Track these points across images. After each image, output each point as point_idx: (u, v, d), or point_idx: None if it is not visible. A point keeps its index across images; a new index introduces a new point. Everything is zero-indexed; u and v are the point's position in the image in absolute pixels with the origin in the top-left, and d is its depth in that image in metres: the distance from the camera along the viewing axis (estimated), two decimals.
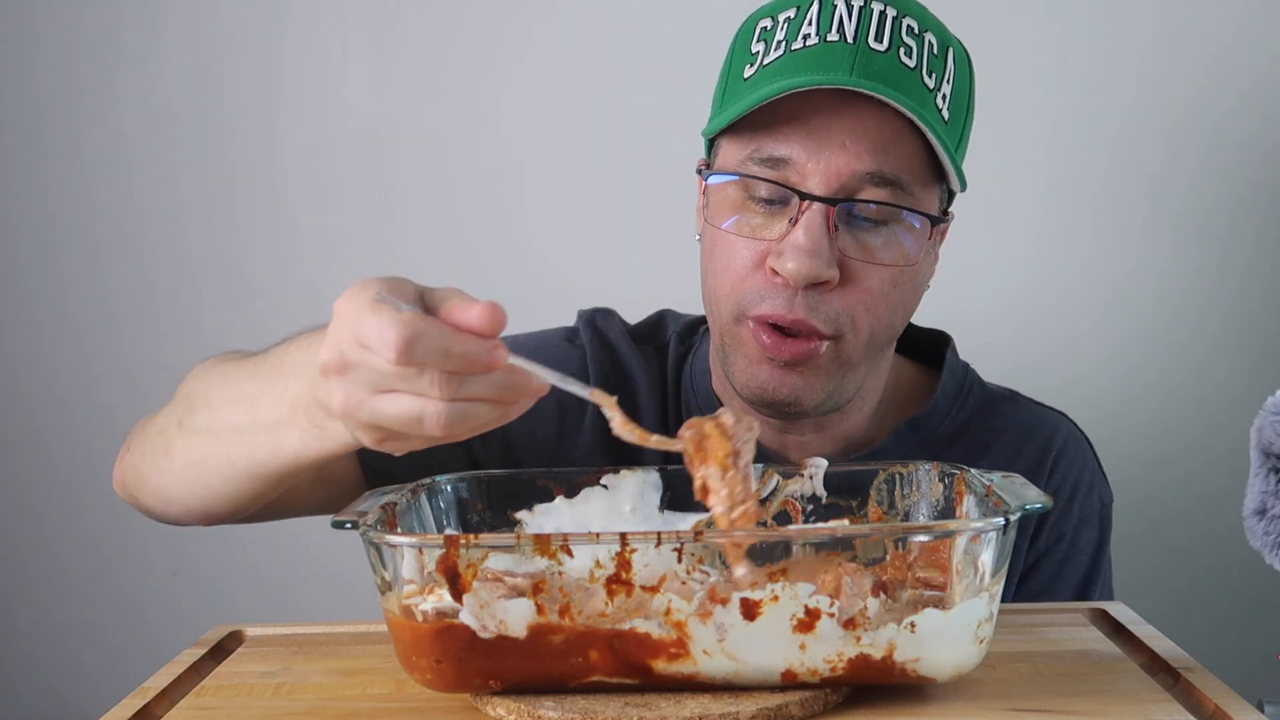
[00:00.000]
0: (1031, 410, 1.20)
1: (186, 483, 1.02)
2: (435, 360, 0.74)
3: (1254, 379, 1.58)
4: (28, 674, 1.70)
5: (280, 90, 1.64)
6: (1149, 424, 1.62)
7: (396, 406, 0.76)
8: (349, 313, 0.77)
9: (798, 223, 1.01)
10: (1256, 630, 1.58)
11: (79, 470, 1.67)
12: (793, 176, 1.02)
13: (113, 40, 1.64)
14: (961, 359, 1.21)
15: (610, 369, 1.17)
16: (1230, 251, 1.60)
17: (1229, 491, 0.96)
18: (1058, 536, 1.14)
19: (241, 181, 1.65)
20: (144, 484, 1.07)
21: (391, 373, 0.75)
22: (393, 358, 0.73)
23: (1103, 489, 1.18)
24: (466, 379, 0.76)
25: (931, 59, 1.03)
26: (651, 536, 0.76)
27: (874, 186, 1.01)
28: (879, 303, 1.04)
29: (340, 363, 0.77)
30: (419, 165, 1.64)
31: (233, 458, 0.96)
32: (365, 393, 0.77)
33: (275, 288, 1.65)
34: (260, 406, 0.93)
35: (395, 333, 0.73)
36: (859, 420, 1.14)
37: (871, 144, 1.01)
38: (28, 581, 1.69)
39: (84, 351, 1.67)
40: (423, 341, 0.74)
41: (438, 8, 1.62)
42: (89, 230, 1.66)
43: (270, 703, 0.83)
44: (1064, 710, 0.77)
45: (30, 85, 1.64)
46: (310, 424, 0.87)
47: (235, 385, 0.97)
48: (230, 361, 1.03)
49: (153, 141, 1.65)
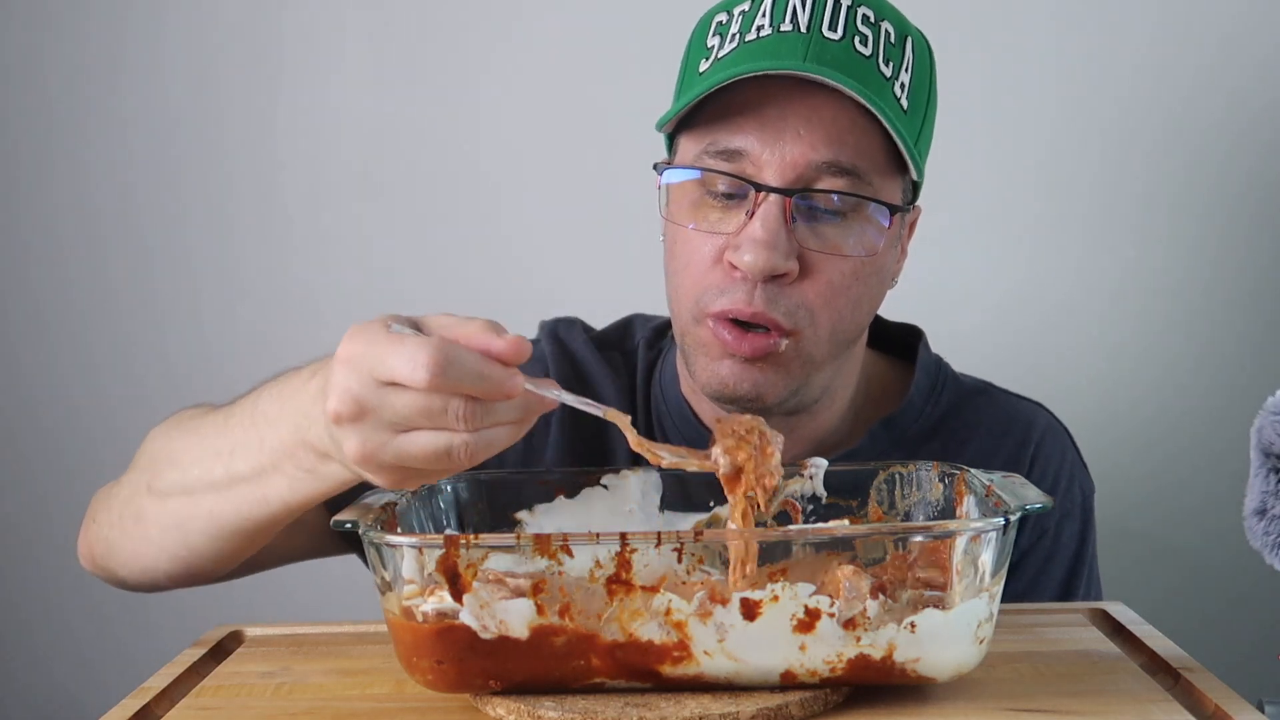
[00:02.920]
0: (1007, 402, 1.18)
1: (166, 547, 0.99)
2: (468, 382, 0.74)
3: (1254, 379, 1.58)
4: (28, 674, 1.70)
5: (278, 91, 1.64)
6: (1149, 424, 1.62)
7: (421, 444, 0.76)
8: (360, 354, 0.76)
9: (754, 215, 0.99)
10: (1256, 630, 1.58)
11: (79, 470, 1.67)
12: (748, 168, 1.00)
13: (110, 41, 1.64)
14: (934, 353, 1.19)
15: (572, 380, 1.15)
16: (1230, 251, 1.60)
17: (1229, 491, 0.96)
18: (1040, 534, 1.13)
19: (239, 182, 1.65)
20: (116, 554, 1.04)
21: (416, 408, 0.74)
22: (426, 379, 0.73)
23: (1083, 479, 1.17)
24: (489, 409, 0.76)
25: (889, 48, 1.01)
26: (651, 536, 0.76)
27: (831, 176, 0.99)
28: (839, 297, 1.02)
29: (356, 408, 0.76)
30: (416, 166, 1.64)
31: (215, 514, 0.94)
32: (386, 435, 0.76)
33: (272, 287, 1.65)
34: (236, 460, 0.91)
35: (428, 355, 0.73)
36: (829, 420, 1.11)
37: (827, 133, 0.99)
38: (28, 582, 1.69)
39: (83, 350, 1.67)
40: (455, 364, 0.73)
41: (435, 10, 1.63)
42: (88, 229, 1.66)
43: (270, 703, 0.83)
44: (1064, 710, 0.77)
45: (29, 84, 1.64)
46: (298, 469, 0.87)
47: (203, 442, 0.96)
48: (191, 420, 1.01)
49: (150, 141, 1.64)
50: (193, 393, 1.65)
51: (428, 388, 0.73)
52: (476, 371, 0.74)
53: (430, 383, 0.73)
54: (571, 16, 1.62)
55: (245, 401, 0.94)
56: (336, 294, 1.63)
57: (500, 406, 0.77)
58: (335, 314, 1.56)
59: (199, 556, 0.98)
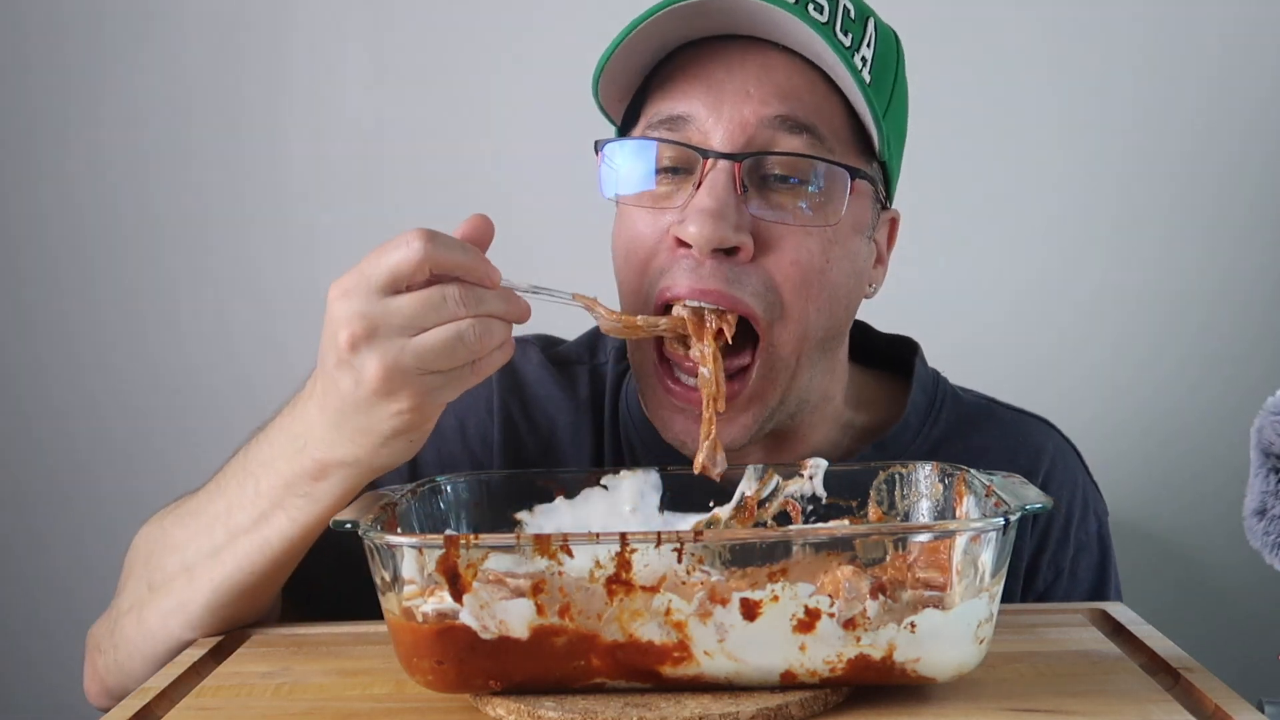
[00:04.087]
0: (1013, 422, 1.11)
1: (171, 633, 0.95)
2: (455, 252, 0.80)
3: (1254, 379, 1.58)
4: (28, 674, 1.70)
5: (282, 93, 1.64)
6: (1149, 424, 1.62)
7: (436, 337, 0.80)
8: (353, 281, 0.81)
9: (701, 185, 0.91)
10: (1256, 630, 1.58)
11: (78, 470, 1.67)
12: (695, 136, 0.92)
13: (111, 40, 1.64)
14: (931, 367, 1.12)
15: (517, 410, 1.09)
16: (1230, 251, 1.61)
17: (1229, 491, 0.96)
18: (1056, 573, 1.08)
19: (239, 181, 1.65)
20: (127, 672, 0.98)
21: (419, 303, 0.80)
22: (420, 248, 0.79)
23: (1097, 505, 1.11)
24: (480, 294, 0.81)
25: (847, 20, 0.93)
26: (651, 536, 0.76)
27: (787, 134, 0.91)
28: (812, 281, 0.93)
29: (366, 325, 0.80)
30: (418, 166, 1.64)
31: (215, 580, 0.93)
32: (402, 341, 0.80)
33: (272, 286, 1.65)
34: (235, 514, 0.92)
35: (413, 232, 0.80)
36: (813, 442, 1.04)
37: (779, 88, 0.91)
38: (28, 582, 1.69)
39: (84, 350, 1.67)
40: (439, 236, 0.80)
41: (435, 10, 1.63)
42: (88, 229, 1.66)
43: (270, 703, 0.83)
44: (1064, 710, 0.77)
45: (30, 83, 1.65)
46: (296, 497, 0.89)
47: (198, 517, 0.96)
48: (175, 511, 1.00)
49: (150, 141, 1.64)
50: (192, 392, 1.66)
51: (422, 257, 0.79)
52: (459, 243, 0.82)
53: (425, 250, 0.79)
54: (572, 16, 1.62)
55: (233, 464, 0.95)
56: None
57: (489, 295, 0.82)
58: None
59: (202, 633, 0.96)
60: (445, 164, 1.64)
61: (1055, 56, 1.59)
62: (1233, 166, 1.59)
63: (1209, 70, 1.58)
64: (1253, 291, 1.61)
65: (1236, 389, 1.59)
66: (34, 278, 1.67)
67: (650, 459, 1.05)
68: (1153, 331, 1.62)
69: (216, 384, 1.66)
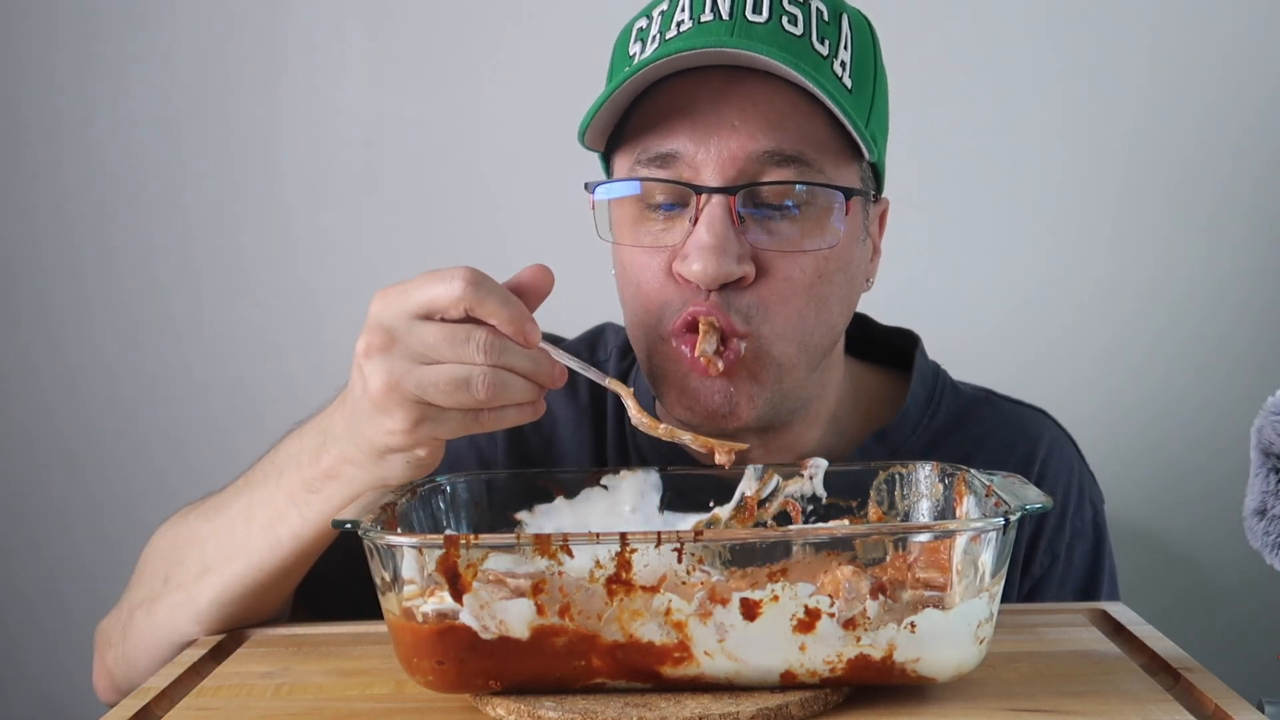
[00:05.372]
0: (1010, 412, 1.13)
1: (178, 628, 0.96)
2: (496, 300, 0.80)
3: (1254, 379, 1.58)
4: (28, 674, 1.70)
5: (279, 91, 1.64)
6: (1149, 424, 1.62)
7: (443, 373, 0.81)
8: (396, 293, 0.82)
9: (698, 220, 0.92)
10: (1256, 630, 1.58)
11: (78, 471, 1.67)
12: (685, 172, 0.93)
13: (111, 40, 1.64)
14: (931, 360, 1.13)
15: None
16: (1230, 251, 1.61)
17: (1229, 491, 0.96)
18: (1052, 559, 1.09)
19: (239, 181, 1.65)
20: (135, 666, 0.99)
21: (441, 336, 0.80)
22: (461, 288, 0.79)
23: (1093, 493, 1.12)
24: (508, 347, 0.81)
25: (821, 26, 0.94)
26: (651, 536, 0.76)
27: (776, 167, 0.92)
28: (799, 295, 0.94)
29: (386, 338, 0.81)
30: (417, 166, 1.64)
31: (225, 576, 0.94)
32: (411, 364, 0.81)
33: (272, 286, 1.65)
34: (255, 512, 0.93)
35: (461, 270, 0.80)
36: (812, 435, 1.05)
37: (765, 119, 0.92)
38: (28, 582, 1.69)
39: (83, 350, 1.67)
40: (485, 282, 0.80)
41: (435, 10, 1.62)
42: (88, 228, 1.66)
43: (270, 703, 0.83)
44: (1064, 710, 0.77)
45: (28, 85, 1.64)
46: (311, 494, 0.90)
47: (223, 511, 0.96)
48: (202, 504, 1.01)
49: (150, 141, 1.64)
50: (192, 392, 1.66)
51: (458, 297, 0.79)
52: (504, 294, 0.81)
53: (464, 291, 0.79)
54: (571, 16, 1.62)
55: (263, 460, 0.96)
56: (336, 293, 1.63)
57: (517, 350, 0.81)
58: (335, 313, 1.56)
59: (208, 630, 0.96)
60: (444, 164, 1.64)
61: (1057, 55, 1.59)
62: (1234, 166, 1.59)
63: (1212, 69, 1.58)
64: (1253, 291, 1.61)
65: (1236, 389, 1.59)
66: (27, 279, 1.67)
67: (656, 460, 1.06)
68: (1153, 331, 1.62)
69: (212, 386, 1.66)
